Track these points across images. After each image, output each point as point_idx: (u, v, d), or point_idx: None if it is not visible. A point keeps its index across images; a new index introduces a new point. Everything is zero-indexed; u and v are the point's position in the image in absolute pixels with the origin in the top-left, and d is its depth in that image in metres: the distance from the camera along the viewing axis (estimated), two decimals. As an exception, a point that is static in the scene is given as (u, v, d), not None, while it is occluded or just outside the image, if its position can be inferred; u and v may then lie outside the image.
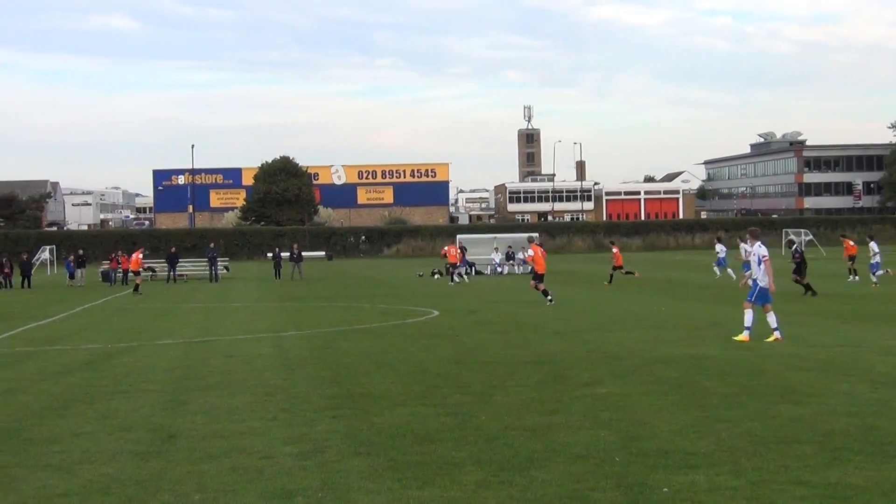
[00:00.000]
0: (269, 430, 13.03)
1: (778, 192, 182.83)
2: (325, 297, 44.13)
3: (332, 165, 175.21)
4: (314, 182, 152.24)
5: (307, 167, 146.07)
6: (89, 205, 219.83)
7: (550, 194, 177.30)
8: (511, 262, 67.72)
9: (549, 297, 35.51)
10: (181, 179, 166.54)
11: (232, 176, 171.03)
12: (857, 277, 45.34)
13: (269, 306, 39.42)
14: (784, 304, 32.79)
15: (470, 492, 9.74)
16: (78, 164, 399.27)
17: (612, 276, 48.20)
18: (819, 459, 10.66)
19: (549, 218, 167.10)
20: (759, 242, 22.76)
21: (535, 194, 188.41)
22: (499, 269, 66.75)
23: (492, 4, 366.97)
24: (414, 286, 52.13)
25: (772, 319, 22.26)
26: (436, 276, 53.50)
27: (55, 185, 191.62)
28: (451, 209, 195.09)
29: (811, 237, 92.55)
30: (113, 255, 68.62)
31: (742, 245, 46.50)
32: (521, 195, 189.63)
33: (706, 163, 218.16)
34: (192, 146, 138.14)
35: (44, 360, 21.79)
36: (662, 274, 50.53)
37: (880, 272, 42.88)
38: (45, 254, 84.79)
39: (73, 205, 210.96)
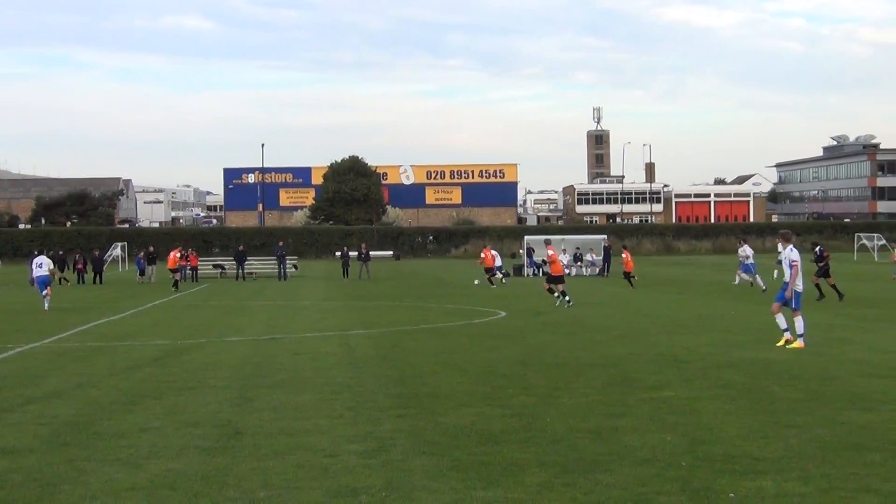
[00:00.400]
0: (334, 427, 13.07)
1: (850, 195, 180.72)
2: (392, 296, 44.24)
3: (400, 165, 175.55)
4: (383, 182, 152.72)
5: (376, 167, 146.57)
6: (161, 202, 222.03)
7: (619, 196, 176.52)
8: (579, 263, 67.47)
9: (568, 300, 35.74)
10: (251, 178, 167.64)
11: (301, 175, 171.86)
12: None
13: (337, 305, 39.59)
14: (857, 308, 32.42)
15: (533, 493, 9.70)
16: (150, 162, 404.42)
17: (630, 280, 48.79)
18: (889, 467, 10.50)
19: (618, 220, 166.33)
20: (790, 246, 22.36)
21: (604, 196, 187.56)
22: (567, 271, 66.47)
23: (563, 5, 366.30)
24: (481, 287, 52.06)
25: (786, 323, 21.90)
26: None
27: (128, 182, 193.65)
28: (519, 210, 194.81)
29: (884, 241, 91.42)
30: (182, 253, 69.19)
31: (743, 247, 46.58)
32: (590, 197, 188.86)
33: (778, 165, 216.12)
34: (263, 145, 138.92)
35: (114, 356, 22.02)
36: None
37: None
38: (116, 250, 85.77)
39: (144, 202, 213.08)
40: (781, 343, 21.59)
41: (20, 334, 27.18)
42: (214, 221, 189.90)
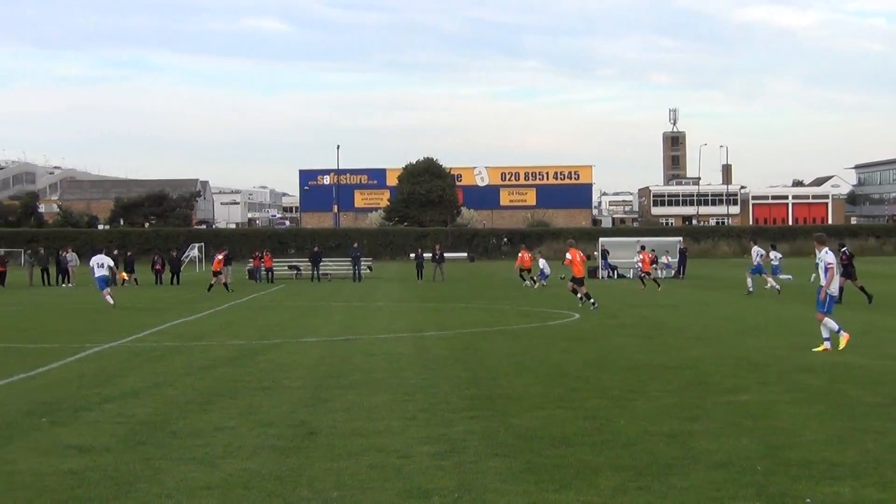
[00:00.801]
0: (407, 429, 13.09)
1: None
2: (465, 298, 44.26)
3: (475, 167, 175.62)
4: (457, 183, 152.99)
5: (451, 168, 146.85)
6: (237, 204, 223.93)
7: (695, 198, 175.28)
8: (654, 265, 66.98)
9: (593, 302, 35.64)
10: (327, 179, 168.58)
11: (376, 176, 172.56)
12: None
13: (411, 306, 39.67)
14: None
15: (607, 497, 9.65)
16: (227, 163, 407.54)
17: (642, 280, 50.30)
18: (970, 474, 10.32)
19: (694, 222, 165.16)
20: (825, 249, 21.95)
21: (680, 197, 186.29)
22: (641, 274, 66.06)
23: (640, 6, 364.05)
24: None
25: (825, 330, 21.55)
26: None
27: (205, 184, 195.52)
28: (594, 212, 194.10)
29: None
30: (256, 254, 69.72)
31: (755, 249, 46.55)
32: (666, 198, 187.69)
33: (857, 167, 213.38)
34: (338, 147, 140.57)
35: (190, 356, 22.23)
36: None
37: None
38: (194, 251, 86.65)
39: (221, 203, 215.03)
40: (821, 349, 21.19)
41: (98, 334, 27.51)
42: (287, 223, 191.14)
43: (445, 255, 68.49)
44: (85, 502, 9.77)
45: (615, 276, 65.70)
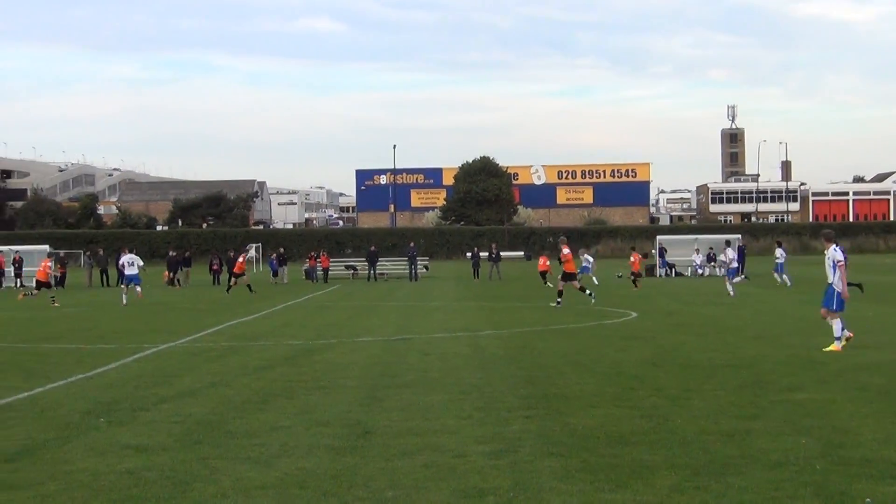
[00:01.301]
0: (462, 428, 13.06)
1: None
2: (522, 297, 44.18)
3: (531, 165, 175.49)
4: (514, 182, 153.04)
5: (507, 167, 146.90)
6: (294, 204, 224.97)
7: (754, 195, 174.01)
8: (712, 263, 66.62)
9: (590, 293, 37.55)
10: (383, 179, 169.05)
11: (432, 176, 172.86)
12: None
13: (467, 305, 39.66)
14: None
15: (664, 496, 9.57)
16: (284, 163, 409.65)
17: (634, 280, 50.92)
18: None
19: (753, 219, 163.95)
20: (833, 245, 21.57)
21: (739, 195, 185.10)
22: (699, 271, 65.79)
23: (695, 2, 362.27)
24: (612, 287, 51.77)
25: (837, 327, 21.24)
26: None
27: (262, 184, 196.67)
28: (652, 210, 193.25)
29: None
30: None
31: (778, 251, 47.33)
32: (724, 196, 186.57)
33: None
34: (394, 146, 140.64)
35: (246, 355, 22.34)
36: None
37: None
38: (251, 251, 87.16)
39: (278, 204, 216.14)
40: (831, 348, 20.88)
41: (156, 334, 27.72)
42: (341, 223, 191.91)
43: (502, 254, 68.38)
44: (141, 502, 9.82)
45: (673, 274, 65.40)
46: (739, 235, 71.03)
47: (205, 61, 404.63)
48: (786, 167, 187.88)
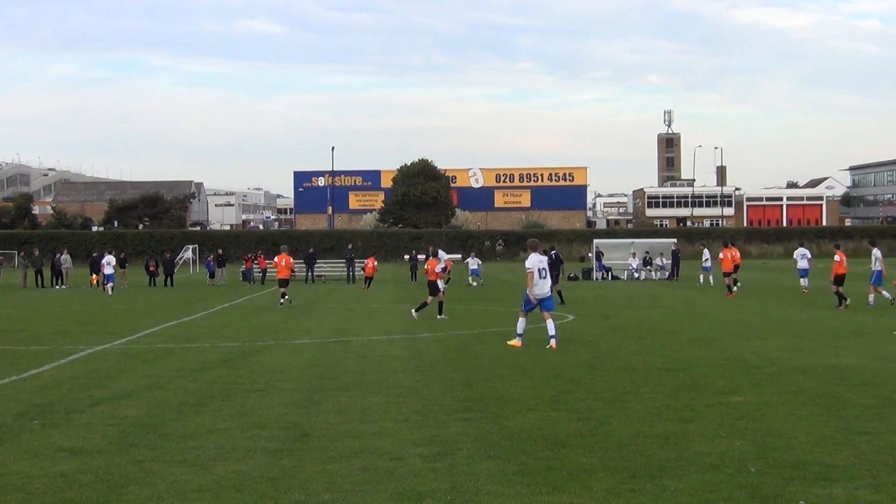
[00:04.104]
0: (400, 431, 13.06)
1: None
2: (459, 299, 44.18)
3: (470, 169, 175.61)
4: (452, 185, 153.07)
5: (445, 170, 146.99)
6: (232, 205, 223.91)
7: (690, 199, 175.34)
8: (648, 267, 67.11)
9: (417, 309, 35.94)
10: (321, 181, 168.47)
11: (371, 178, 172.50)
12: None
13: (405, 308, 39.59)
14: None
15: (600, 499, 9.62)
16: (222, 165, 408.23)
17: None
18: (964, 476, 10.30)
19: (689, 223, 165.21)
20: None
21: (675, 199, 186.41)
22: (636, 275, 66.21)
23: (634, 8, 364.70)
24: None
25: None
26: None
27: (199, 185, 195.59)
28: (589, 213, 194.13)
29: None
30: (249, 256, 69.70)
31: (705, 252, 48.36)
32: (660, 200, 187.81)
33: (851, 169, 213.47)
34: (333, 148, 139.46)
35: (183, 357, 22.18)
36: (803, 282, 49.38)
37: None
38: (188, 253, 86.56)
39: (216, 205, 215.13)
40: None
41: (91, 336, 27.48)
42: (277, 225, 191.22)
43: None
44: (76, 505, 9.74)
45: (609, 278, 65.76)
46: (675, 240, 71.62)
47: (143, 61, 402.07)
48: (721, 172, 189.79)
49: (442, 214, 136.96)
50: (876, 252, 36.12)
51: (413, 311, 33.24)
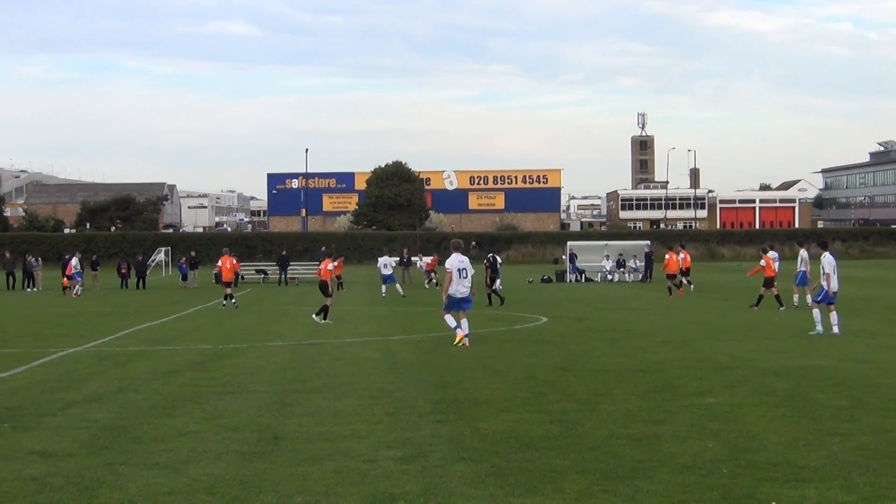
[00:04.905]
0: (373, 433, 13.03)
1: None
2: (433, 302, 44.13)
3: (444, 171, 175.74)
4: (426, 187, 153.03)
5: (419, 172, 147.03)
6: (205, 207, 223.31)
7: (663, 202, 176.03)
8: (622, 269, 67.25)
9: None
10: (295, 183, 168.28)
11: (345, 180, 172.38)
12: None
13: (379, 310, 39.59)
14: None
15: (573, 500, 9.62)
16: (195, 167, 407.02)
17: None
18: (935, 476, 10.35)
19: (662, 225, 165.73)
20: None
21: (648, 201, 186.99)
22: (609, 277, 66.33)
23: (607, 11, 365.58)
24: (524, 292, 51.99)
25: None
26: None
27: (172, 187, 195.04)
28: (563, 216, 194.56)
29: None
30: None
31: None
32: (634, 202, 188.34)
33: (824, 171, 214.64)
34: (307, 150, 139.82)
35: (155, 360, 22.09)
36: (777, 283, 49.48)
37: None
38: (160, 255, 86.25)
39: (188, 207, 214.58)
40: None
41: (63, 338, 27.35)
42: (227, 228, 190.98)
43: (413, 258, 68.28)
44: (46, 508, 9.68)
45: (583, 280, 65.86)
46: (648, 242, 71.82)
47: (115, 63, 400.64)
48: (694, 174, 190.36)
49: (416, 216, 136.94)
50: (803, 253, 36.43)
51: (313, 315, 32.61)
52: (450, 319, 24.41)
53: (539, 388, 16.81)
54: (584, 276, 66.59)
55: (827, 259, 26.13)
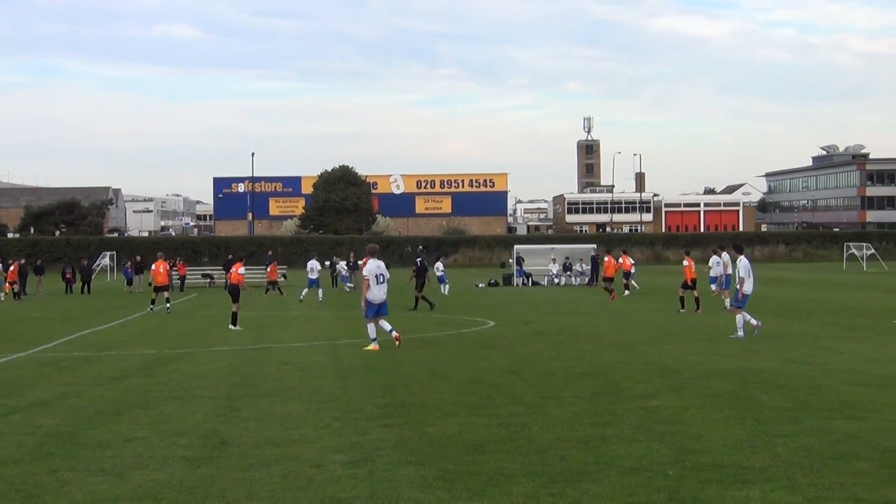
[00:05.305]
0: (320, 437, 13.00)
1: (840, 205, 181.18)
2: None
3: (391, 175, 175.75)
4: (373, 191, 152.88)
5: (366, 176, 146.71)
6: (150, 212, 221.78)
7: (609, 205, 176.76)
8: (568, 273, 67.48)
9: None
10: (241, 187, 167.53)
11: (291, 184, 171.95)
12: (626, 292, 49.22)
13: (325, 314, 39.50)
14: (844, 318, 32.45)
15: (520, 503, 9.64)
16: (140, 171, 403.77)
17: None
18: (877, 477, 10.46)
19: (608, 229, 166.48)
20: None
21: (594, 205, 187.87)
22: (556, 280, 66.53)
23: (554, 15, 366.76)
24: (470, 296, 52.05)
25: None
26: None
27: (117, 191, 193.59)
28: (509, 219, 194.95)
29: (873, 251, 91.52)
30: (169, 262, 69.01)
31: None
32: (580, 206, 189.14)
33: (767, 175, 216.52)
34: (253, 154, 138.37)
35: (100, 366, 21.92)
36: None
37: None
38: (105, 260, 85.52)
39: (134, 211, 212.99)
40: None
41: (6, 344, 27.08)
42: (172, 232, 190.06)
43: (360, 262, 68.15)
44: (-11, 516, 9.58)
45: (530, 283, 66.02)
46: (594, 245, 72.12)
47: (60, 66, 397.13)
48: (639, 178, 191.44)
49: (363, 221, 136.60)
50: (725, 257, 37.04)
51: (231, 325, 31.75)
52: (372, 329, 24.48)
53: (486, 392, 16.84)
54: (530, 279, 66.77)
55: (742, 263, 26.83)
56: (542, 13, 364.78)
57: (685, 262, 38.28)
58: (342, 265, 65.44)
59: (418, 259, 45.48)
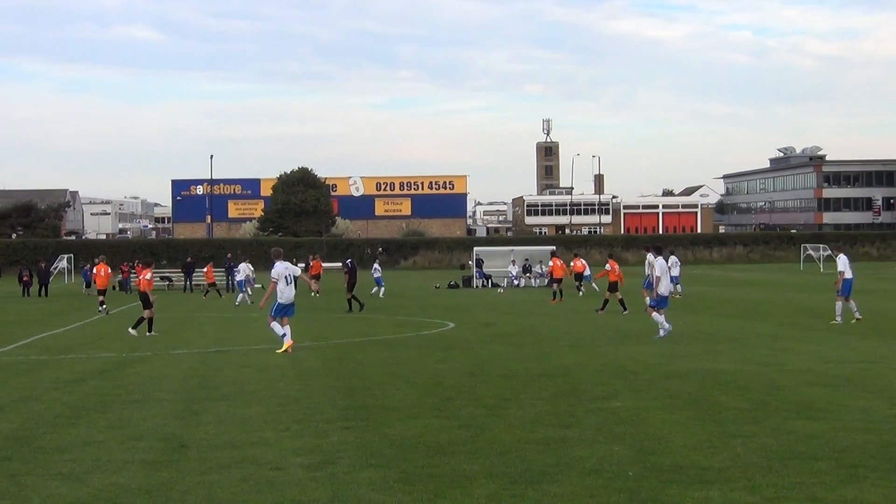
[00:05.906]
0: (280, 440, 12.97)
1: (797, 206, 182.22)
2: (340, 308, 44.03)
3: (350, 177, 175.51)
4: (332, 193, 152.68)
5: (326, 178, 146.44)
6: (108, 214, 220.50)
7: (568, 207, 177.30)
8: (528, 274, 67.62)
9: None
10: (200, 189, 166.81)
11: (250, 186, 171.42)
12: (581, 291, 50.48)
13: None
14: (802, 318, 32.69)
15: (481, 505, 9.67)
16: (97, 173, 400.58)
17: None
18: (835, 476, 10.55)
19: (567, 231, 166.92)
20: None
21: (553, 207, 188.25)
22: (515, 282, 66.65)
23: (512, 18, 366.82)
24: (430, 298, 52.06)
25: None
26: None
27: (74, 194, 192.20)
28: (469, 221, 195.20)
29: (829, 252, 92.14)
30: (125, 265, 68.76)
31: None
32: (539, 208, 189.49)
33: (725, 177, 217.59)
34: (211, 156, 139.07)
35: (58, 369, 21.77)
36: (687, 288, 50.16)
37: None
38: (62, 262, 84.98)
39: (91, 214, 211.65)
40: None
41: (-37, 348, 26.84)
42: (130, 235, 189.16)
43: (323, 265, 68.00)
44: (-54, 521, 9.50)
45: (489, 285, 66.10)
46: (553, 247, 72.28)
47: (16, 67, 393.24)
48: (598, 180, 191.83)
49: (322, 223, 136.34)
50: (650, 257, 37.53)
51: (130, 328, 30.43)
52: (276, 327, 24.59)
53: (447, 394, 16.85)
54: (490, 281, 66.86)
55: (659, 263, 27.39)
56: (500, 15, 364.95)
57: (608, 266, 38.95)
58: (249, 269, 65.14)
59: (348, 260, 45.61)
